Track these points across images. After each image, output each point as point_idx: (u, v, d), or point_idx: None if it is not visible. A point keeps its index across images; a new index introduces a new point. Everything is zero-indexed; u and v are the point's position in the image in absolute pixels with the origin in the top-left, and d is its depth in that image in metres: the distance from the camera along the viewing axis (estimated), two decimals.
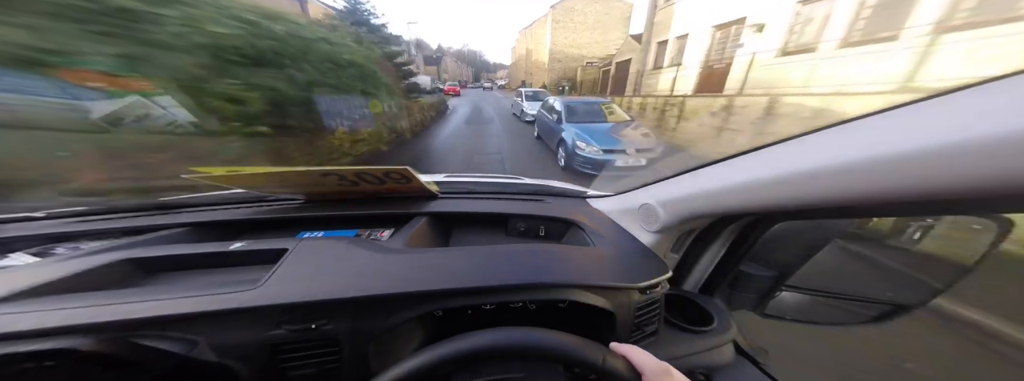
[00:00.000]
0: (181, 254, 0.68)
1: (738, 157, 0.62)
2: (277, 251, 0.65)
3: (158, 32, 2.85)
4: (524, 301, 0.65)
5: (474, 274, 0.61)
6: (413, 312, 0.55)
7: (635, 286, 0.65)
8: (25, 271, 0.59)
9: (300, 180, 0.90)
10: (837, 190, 0.44)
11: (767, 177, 0.53)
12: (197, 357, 0.47)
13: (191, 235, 0.83)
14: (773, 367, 0.79)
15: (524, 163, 6.57)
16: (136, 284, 0.62)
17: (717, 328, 0.77)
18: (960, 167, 0.32)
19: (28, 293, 0.51)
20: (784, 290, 0.89)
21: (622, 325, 0.64)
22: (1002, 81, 0.31)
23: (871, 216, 0.77)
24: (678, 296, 0.86)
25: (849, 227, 0.85)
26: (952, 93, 0.35)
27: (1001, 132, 0.29)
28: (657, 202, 0.79)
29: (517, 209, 0.99)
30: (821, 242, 0.80)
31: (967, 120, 0.32)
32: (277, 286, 0.54)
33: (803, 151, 0.50)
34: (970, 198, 0.37)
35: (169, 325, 0.48)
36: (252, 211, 0.95)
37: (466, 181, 1.40)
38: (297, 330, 0.51)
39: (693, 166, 0.73)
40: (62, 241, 0.80)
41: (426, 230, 0.86)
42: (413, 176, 0.87)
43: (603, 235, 0.83)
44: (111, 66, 2.63)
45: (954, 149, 0.32)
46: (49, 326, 0.44)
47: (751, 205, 0.60)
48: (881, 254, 0.88)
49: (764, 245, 0.79)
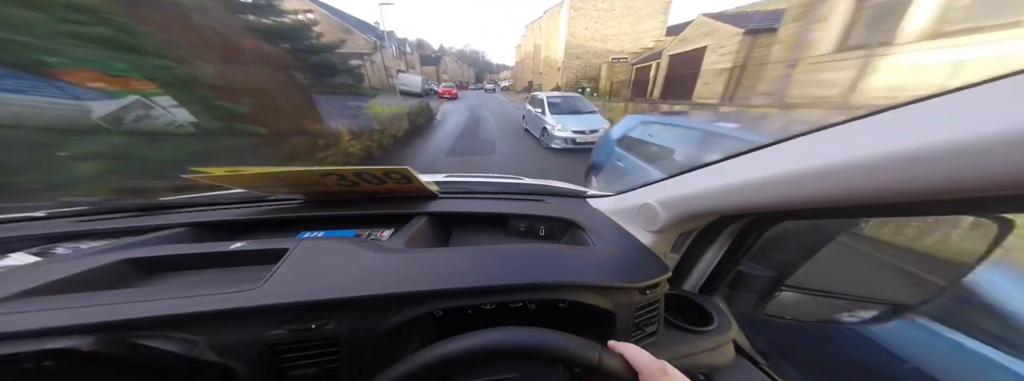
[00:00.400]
0: (181, 254, 0.68)
1: (738, 157, 0.62)
2: (277, 251, 0.65)
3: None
4: (524, 301, 0.65)
5: (474, 274, 0.61)
6: (413, 312, 0.55)
7: (635, 286, 0.65)
8: (25, 271, 0.59)
9: (300, 180, 0.90)
10: (837, 190, 0.44)
11: (767, 177, 0.53)
12: (197, 357, 0.47)
13: (191, 235, 0.83)
14: (773, 367, 0.79)
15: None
16: (136, 284, 0.62)
17: (717, 328, 0.77)
18: (960, 167, 0.32)
19: (28, 293, 0.51)
20: (784, 290, 0.89)
21: (622, 325, 0.64)
22: (1002, 81, 0.31)
23: (871, 216, 0.77)
24: (678, 296, 0.86)
25: (849, 227, 0.85)
26: (952, 93, 0.35)
27: (1001, 132, 0.29)
28: (657, 202, 0.79)
29: (517, 209, 0.99)
30: (821, 242, 0.80)
31: (967, 120, 0.32)
32: (277, 286, 0.54)
33: (803, 151, 0.50)
34: (970, 198, 0.37)
35: (169, 325, 0.48)
36: (252, 211, 0.95)
37: (466, 181, 1.40)
38: (297, 330, 0.51)
39: (693, 166, 0.74)
40: (62, 241, 0.80)
41: (426, 230, 0.86)
42: (413, 176, 0.87)
43: (603, 235, 0.83)
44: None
45: (954, 149, 0.32)
46: (49, 326, 0.44)
47: (751, 205, 0.60)
48: (881, 254, 0.88)
49: (764, 245, 0.79)
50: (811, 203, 0.49)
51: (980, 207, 0.51)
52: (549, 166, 6.46)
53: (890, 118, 0.40)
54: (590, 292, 0.62)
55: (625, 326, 0.65)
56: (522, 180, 1.47)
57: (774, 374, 0.77)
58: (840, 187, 0.43)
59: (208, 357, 0.48)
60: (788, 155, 0.52)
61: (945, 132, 0.33)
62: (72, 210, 0.97)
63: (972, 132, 0.31)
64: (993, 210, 0.58)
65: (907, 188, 0.37)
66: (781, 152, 0.54)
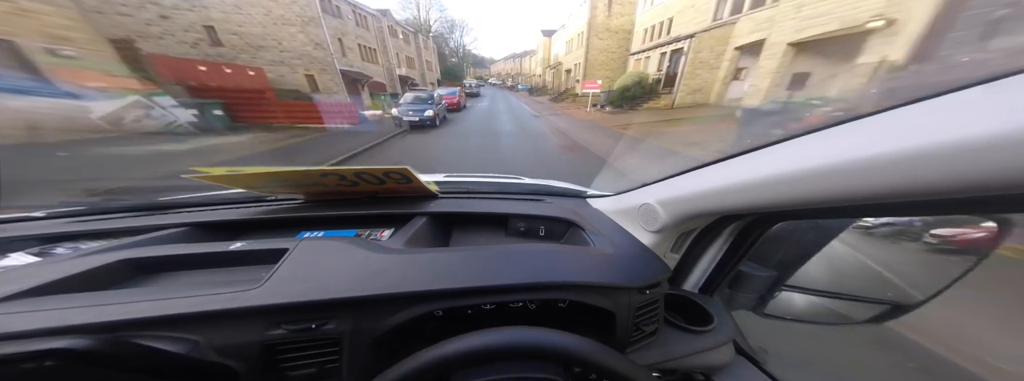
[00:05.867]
0: (181, 254, 0.68)
1: (738, 157, 0.62)
2: (277, 251, 0.65)
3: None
4: (524, 301, 0.65)
5: (474, 274, 0.61)
6: (413, 312, 0.55)
7: (635, 286, 0.65)
8: (25, 271, 0.59)
9: (300, 180, 0.90)
10: (837, 190, 0.44)
11: (767, 177, 0.53)
12: (197, 357, 0.47)
13: (191, 235, 0.83)
14: (773, 367, 0.79)
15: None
16: (136, 284, 0.62)
17: (717, 328, 0.77)
18: (960, 167, 0.32)
19: (28, 293, 0.51)
20: (784, 290, 0.89)
21: (622, 325, 0.64)
22: (1002, 81, 0.31)
23: (871, 216, 0.77)
24: (678, 296, 0.86)
25: (849, 227, 0.85)
26: (952, 93, 0.35)
27: (1001, 132, 0.29)
28: (657, 202, 0.79)
29: (517, 209, 0.99)
30: (821, 242, 0.80)
31: (967, 120, 0.32)
32: (277, 286, 0.54)
33: (803, 151, 0.50)
34: (970, 198, 0.37)
35: (169, 325, 0.48)
36: (252, 211, 0.95)
37: (466, 181, 1.40)
38: (297, 330, 0.51)
39: (693, 166, 0.74)
40: (62, 241, 0.80)
41: (426, 230, 0.86)
42: (413, 176, 0.87)
43: (603, 235, 0.83)
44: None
45: (954, 149, 0.32)
46: (49, 326, 0.44)
47: (751, 205, 0.60)
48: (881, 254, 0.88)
49: (764, 245, 0.79)
50: (811, 203, 0.49)
51: (980, 207, 0.51)
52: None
53: (890, 118, 0.40)
54: (590, 292, 0.62)
55: (625, 326, 0.65)
56: (522, 180, 1.47)
57: (774, 374, 0.77)
58: (840, 187, 0.43)
59: (208, 357, 0.48)
60: (788, 155, 0.52)
61: (945, 132, 0.33)
62: (71, 210, 0.97)
63: (972, 132, 0.31)
64: (993, 210, 0.58)
65: (907, 188, 0.37)
66: (781, 152, 0.54)
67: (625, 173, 6.27)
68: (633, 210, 0.87)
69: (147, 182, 2.70)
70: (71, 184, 2.37)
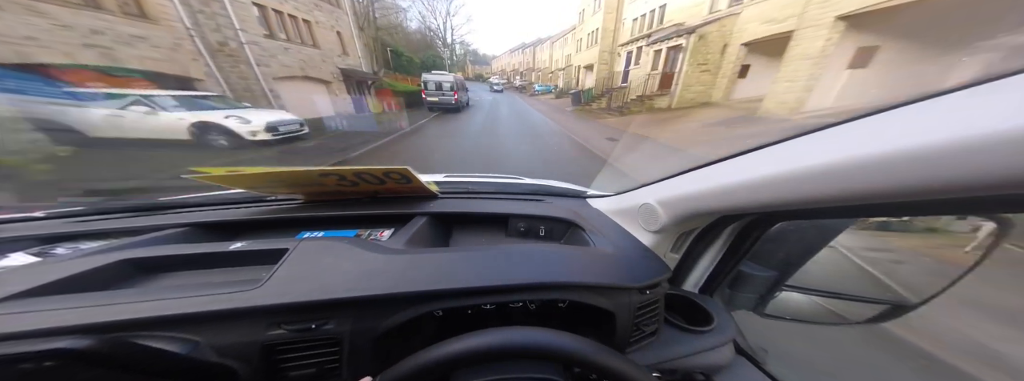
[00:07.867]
0: (181, 254, 0.68)
1: (738, 157, 0.62)
2: (277, 251, 0.65)
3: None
4: (524, 301, 0.65)
5: (474, 274, 0.61)
6: (413, 312, 0.55)
7: (635, 286, 0.65)
8: (25, 271, 0.59)
9: (299, 180, 0.90)
10: (837, 190, 0.44)
11: (767, 177, 0.53)
12: (197, 357, 0.47)
13: (191, 235, 0.83)
14: (773, 367, 0.79)
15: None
16: (136, 284, 0.62)
17: (717, 328, 0.77)
18: (960, 167, 0.32)
19: (28, 293, 0.51)
20: (784, 290, 0.89)
21: (622, 325, 0.64)
22: (1002, 81, 0.31)
23: (871, 216, 0.77)
24: (678, 296, 0.86)
25: (849, 227, 0.85)
26: (952, 92, 0.35)
27: (1000, 132, 0.29)
28: (657, 202, 0.79)
29: (517, 209, 0.99)
30: (821, 242, 0.80)
31: (967, 120, 0.32)
32: (277, 286, 0.54)
33: (803, 150, 0.50)
34: (970, 198, 0.37)
35: (169, 325, 0.48)
36: (252, 211, 0.95)
37: (466, 181, 1.40)
38: (297, 330, 0.51)
39: (693, 166, 0.74)
40: (62, 241, 0.80)
41: (426, 230, 0.86)
42: (413, 176, 0.87)
43: (603, 235, 0.83)
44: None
45: (954, 149, 0.32)
46: (49, 326, 0.44)
47: (751, 204, 0.60)
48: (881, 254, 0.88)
49: (764, 245, 0.79)
50: (811, 203, 0.49)
51: (980, 207, 0.51)
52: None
53: (890, 118, 0.40)
54: (590, 292, 0.62)
55: (625, 326, 0.65)
56: (522, 180, 1.46)
57: (774, 374, 0.77)
58: (840, 187, 0.43)
59: (208, 357, 0.48)
60: (788, 155, 0.52)
61: (945, 132, 0.33)
62: (71, 210, 0.97)
63: (972, 132, 0.31)
64: (993, 210, 0.58)
65: (907, 188, 0.37)
66: (781, 152, 0.54)
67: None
68: (633, 210, 0.87)
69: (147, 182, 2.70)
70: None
